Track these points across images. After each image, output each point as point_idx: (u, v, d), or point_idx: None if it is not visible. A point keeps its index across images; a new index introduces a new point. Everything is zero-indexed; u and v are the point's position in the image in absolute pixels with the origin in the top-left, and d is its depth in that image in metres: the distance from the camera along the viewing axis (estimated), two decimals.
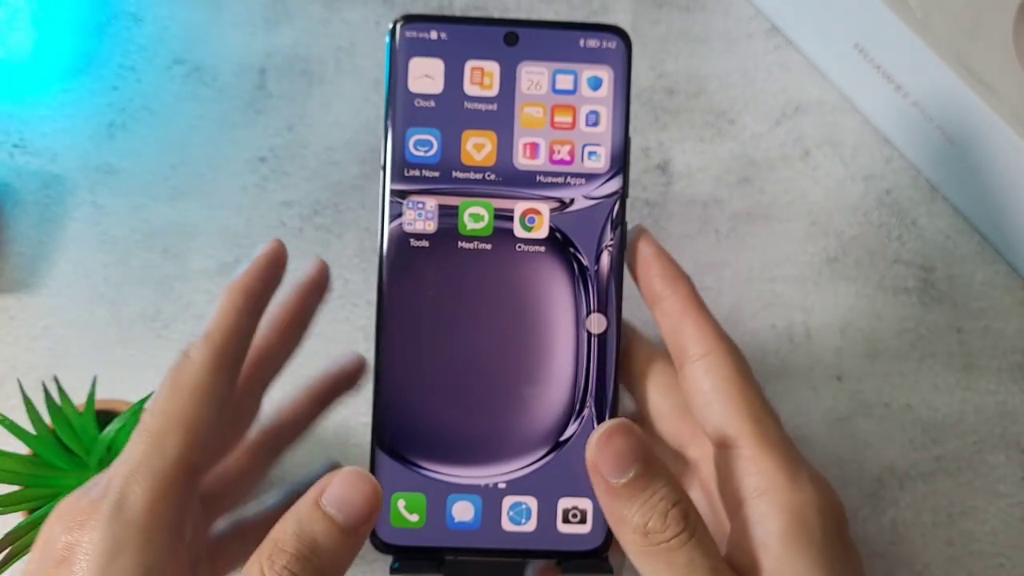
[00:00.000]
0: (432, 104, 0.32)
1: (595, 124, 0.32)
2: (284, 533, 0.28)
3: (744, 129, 0.51)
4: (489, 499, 0.32)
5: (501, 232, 0.32)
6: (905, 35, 0.45)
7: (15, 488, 0.43)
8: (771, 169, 0.50)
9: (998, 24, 0.44)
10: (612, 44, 0.32)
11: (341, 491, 0.28)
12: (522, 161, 0.32)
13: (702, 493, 0.35)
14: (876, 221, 0.50)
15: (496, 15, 0.52)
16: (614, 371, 0.32)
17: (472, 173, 0.32)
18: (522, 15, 0.52)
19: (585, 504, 0.32)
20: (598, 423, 0.32)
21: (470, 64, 0.32)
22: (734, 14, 0.52)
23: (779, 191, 0.50)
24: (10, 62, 0.50)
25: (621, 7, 0.52)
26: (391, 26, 0.32)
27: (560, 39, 0.32)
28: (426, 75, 0.32)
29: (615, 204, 0.32)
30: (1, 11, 0.51)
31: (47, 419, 0.45)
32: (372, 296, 0.48)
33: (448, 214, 0.32)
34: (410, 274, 0.32)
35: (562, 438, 0.32)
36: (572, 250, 0.32)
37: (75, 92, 0.50)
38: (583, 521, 0.32)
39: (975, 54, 0.44)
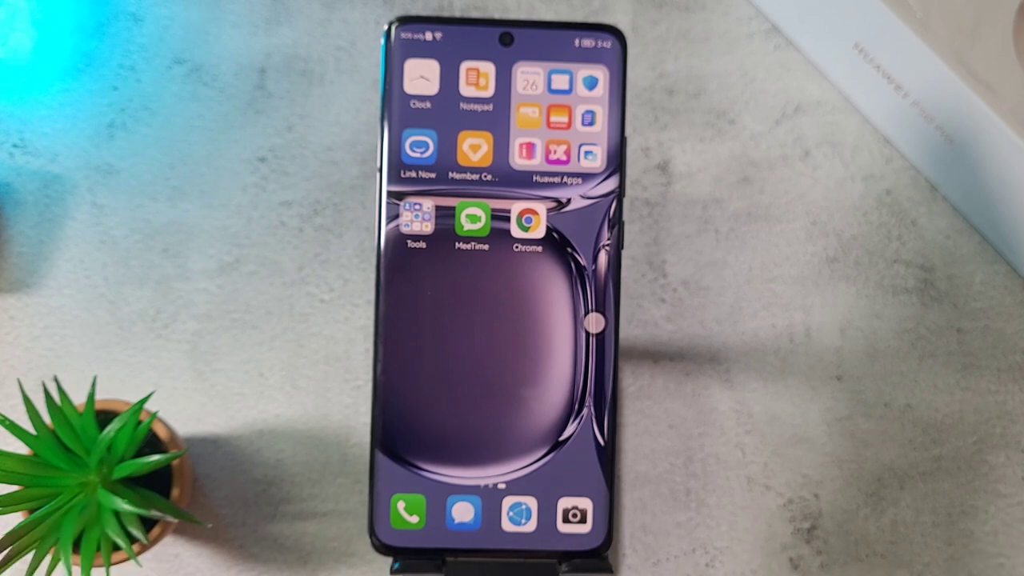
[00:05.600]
0: (428, 105, 0.32)
1: (591, 124, 0.32)
2: None
3: (744, 129, 0.51)
4: (489, 500, 0.32)
5: (498, 232, 0.32)
6: (905, 35, 0.45)
7: (15, 488, 0.44)
8: (771, 169, 0.50)
9: (998, 24, 0.44)
10: (607, 43, 0.32)
11: None
12: (518, 161, 0.32)
13: None
14: (876, 221, 0.50)
15: (496, 15, 0.52)
16: (613, 370, 0.32)
17: (469, 174, 0.32)
18: (522, 15, 0.52)
19: (585, 504, 0.32)
20: (597, 422, 0.32)
21: (465, 65, 0.32)
22: (734, 14, 0.52)
23: (779, 191, 0.50)
24: (10, 62, 0.50)
25: (621, 7, 0.52)
26: (386, 28, 0.32)
27: (555, 39, 0.32)
28: (422, 76, 0.32)
29: (612, 203, 0.32)
30: (1, 11, 0.51)
31: (47, 419, 0.45)
32: (372, 296, 0.49)
33: (445, 215, 0.32)
34: (408, 276, 0.32)
35: (561, 438, 0.32)
36: (569, 250, 0.32)
37: (75, 92, 0.50)
38: (583, 521, 0.32)
39: (975, 54, 0.44)
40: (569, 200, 0.32)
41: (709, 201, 0.50)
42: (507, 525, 0.32)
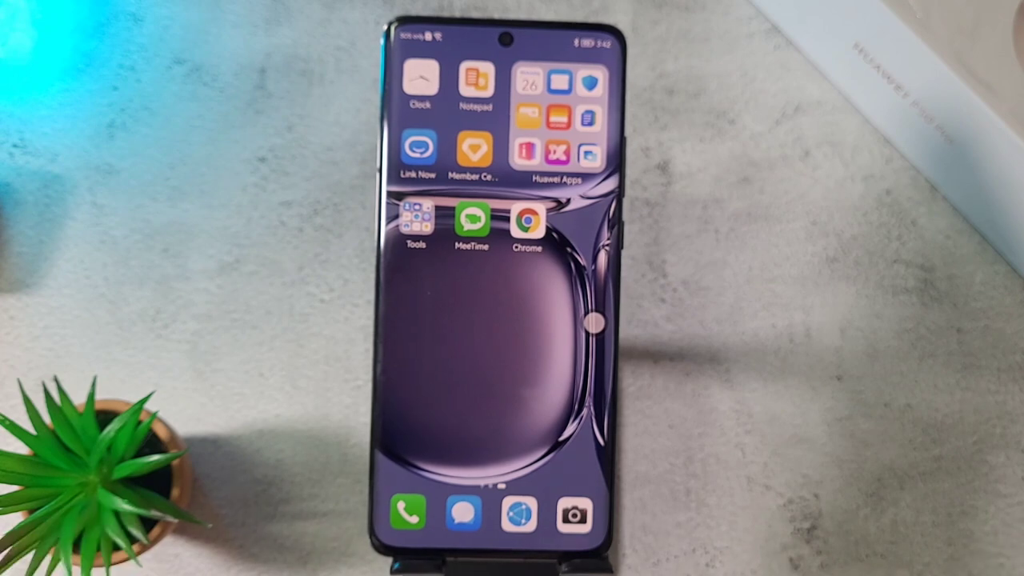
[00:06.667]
0: (428, 105, 0.32)
1: (591, 123, 0.32)
2: None
3: (744, 129, 0.51)
4: (489, 500, 0.32)
5: (498, 233, 0.32)
6: (905, 35, 0.45)
7: (15, 488, 0.44)
8: (771, 169, 0.50)
9: (998, 24, 0.44)
10: (607, 43, 0.32)
11: None
12: (518, 161, 0.32)
13: None
14: (876, 221, 0.50)
15: (496, 15, 0.52)
16: (612, 370, 0.32)
17: (468, 174, 0.32)
18: (522, 15, 0.52)
19: (585, 504, 0.32)
20: (597, 422, 0.32)
21: (465, 65, 0.32)
22: (734, 14, 0.52)
23: (779, 191, 0.50)
24: (10, 62, 0.50)
25: (621, 7, 0.52)
26: (385, 28, 0.32)
27: (555, 39, 0.32)
28: (421, 76, 0.32)
29: (612, 203, 0.32)
30: (1, 11, 0.51)
31: (47, 419, 0.45)
32: (372, 296, 0.49)
33: (445, 215, 0.32)
34: (408, 276, 0.32)
35: (561, 438, 0.32)
36: (569, 250, 0.32)
37: (75, 92, 0.50)
38: (583, 521, 0.32)
39: (975, 54, 0.44)
40: (569, 200, 0.32)
41: (709, 201, 0.50)
42: (507, 525, 0.32)
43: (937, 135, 0.47)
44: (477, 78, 0.32)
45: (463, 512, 0.32)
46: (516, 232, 0.32)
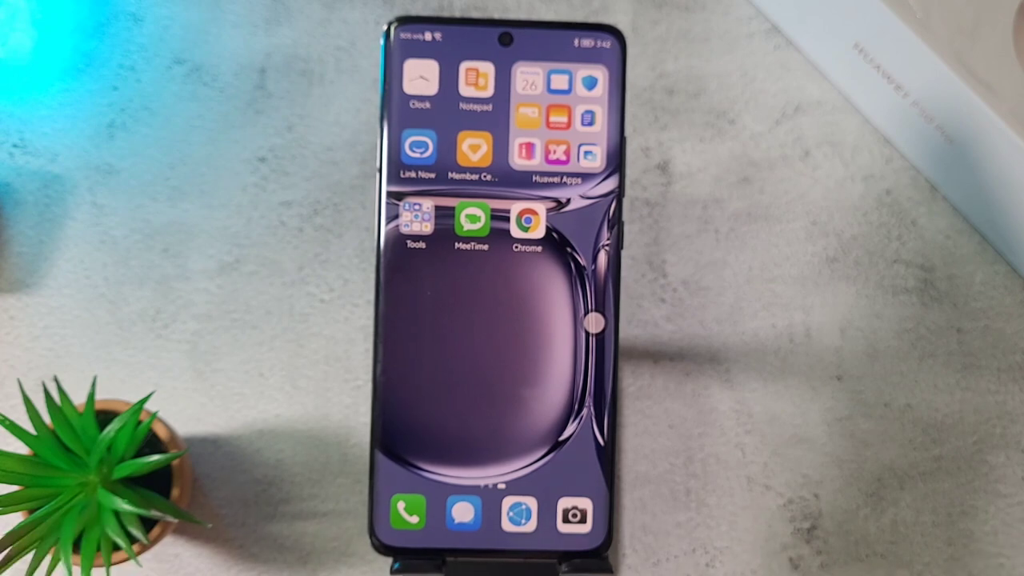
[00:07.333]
0: (427, 105, 0.32)
1: (591, 123, 0.32)
2: None
3: (744, 129, 0.51)
4: (489, 500, 0.32)
5: (498, 233, 0.32)
6: (905, 35, 0.45)
7: (15, 488, 0.44)
8: (771, 169, 0.50)
9: (998, 24, 0.44)
10: (607, 43, 0.32)
11: None
12: (518, 161, 0.32)
13: None
14: (876, 221, 0.50)
15: (496, 15, 0.52)
16: (613, 370, 0.32)
17: (468, 174, 0.32)
18: (522, 15, 0.52)
19: (585, 504, 0.32)
20: (597, 422, 0.32)
21: (465, 65, 0.32)
22: (734, 14, 0.52)
23: (779, 191, 0.50)
24: (10, 62, 0.50)
25: (621, 7, 0.52)
26: (385, 28, 0.32)
27: (555, 39, 0.32)
28: (421, 76, 0.32)
29: (612, 203, 0.32)
30: (1, 11, 0.51)
31: (47, 419, 0.45)
32: (372, 296, 0.49)
33: (445, 215, 0.32)
34: (408, 276, 0.32)
35: (561, 438, 0.32)
36: (569, 250, 0.32)
37: (75, 92, 0.50)
38: (583, 521, 0.32)
39: (975, 54, 0.44)
40: (569, 200, 0.32)
41: (709, 201, 0.50)
42: (507, 525, 0.32)
43: (937, 135, 0.47)
44: (477, 78, 0.32)
45: (463, 512, 0.32)
46: (516, 232, 0.32)
